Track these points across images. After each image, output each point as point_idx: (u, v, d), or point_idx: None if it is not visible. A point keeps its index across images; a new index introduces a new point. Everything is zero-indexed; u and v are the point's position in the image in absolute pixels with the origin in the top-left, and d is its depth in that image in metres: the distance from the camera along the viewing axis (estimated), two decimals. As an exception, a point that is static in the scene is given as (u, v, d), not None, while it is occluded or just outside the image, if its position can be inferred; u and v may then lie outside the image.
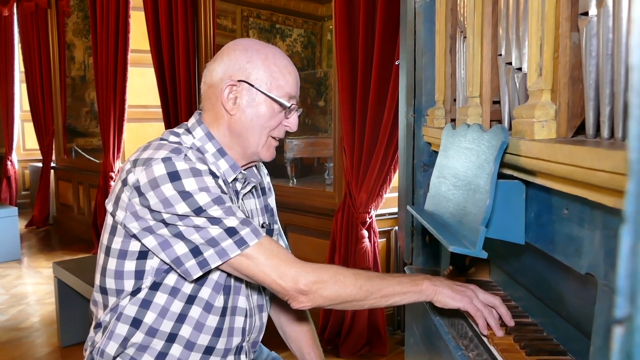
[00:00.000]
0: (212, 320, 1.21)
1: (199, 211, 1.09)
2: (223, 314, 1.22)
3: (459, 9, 1.30)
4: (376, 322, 2.89)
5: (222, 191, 1.14)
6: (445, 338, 1.07)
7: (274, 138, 1.27)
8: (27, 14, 6.06)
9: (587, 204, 0.69)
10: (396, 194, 2.48)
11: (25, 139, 7.40)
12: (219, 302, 1.20)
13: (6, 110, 6.78)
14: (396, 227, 3.12)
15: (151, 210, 1.10)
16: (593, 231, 0.69)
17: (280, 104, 1.22)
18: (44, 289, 4.18)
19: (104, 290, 1.22)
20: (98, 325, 1.24)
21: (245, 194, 1.31)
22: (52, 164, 6.29)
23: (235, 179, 1.27)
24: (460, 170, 1.05)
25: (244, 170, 1.30)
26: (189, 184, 1.10)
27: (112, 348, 1.20)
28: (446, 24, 1.43)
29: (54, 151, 6.22)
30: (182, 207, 1.09)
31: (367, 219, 2.84)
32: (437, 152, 1.41)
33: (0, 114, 7.10)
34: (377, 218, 2.94)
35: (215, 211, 1.09)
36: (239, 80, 1.21)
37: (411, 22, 1.61)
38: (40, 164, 6.49)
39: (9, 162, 6.84)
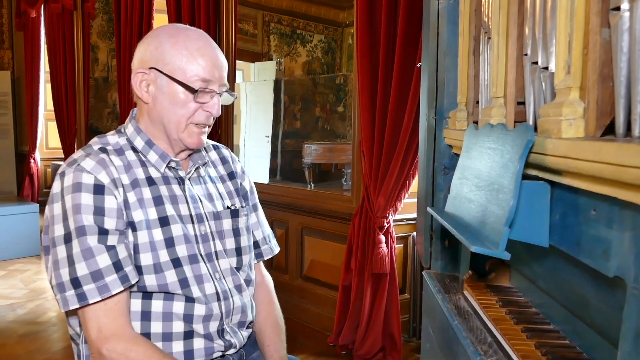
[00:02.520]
0: (179, 307, 1.20)
1: (67, 238, 1.11)
2: (189, 302, 1.21)
3: (484, 10, 1.28)
4: (391, 329, 2.86)
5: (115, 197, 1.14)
6: (463, 343, 1.04)
7: (196, 124, 1.23)
8: (53, 16, 6.16)
9: (616, 203, 0.67)
10: (414, 200, 2.45)
11: (48, 137, 7.52)
12: (185, 293, 1.20)
13: (31, 110, 6.89)
14: (414, 233, 3.09)
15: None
16: (622, 232, 0.67)
17: (188, 88, 1.19)
18: (62, 286, 4.22)
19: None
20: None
21: (190, 178, 1.30)
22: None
23: (174, 168, 1.26)
24: (483, 170, 1.03)
25: (187, 157, 1.30)
26: (67, 201, 1.12)
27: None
28: (470, 25, 1.41)
29: (75, 150, 6.29)
30: (59, 229, 1.12)
31: (385, 224, 2.82)
32: (458, 155, 1.39)
33: (25, 113, 7.22)
34: (395, 223, 2.92)
35: (75, 247, 1.10)
36: (149, 68, 1.21)
37: (434, 24, 1.60)
38: (62, 163, 6.57)
39: (32, 160, 6.95)
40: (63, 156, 6.47)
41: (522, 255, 1.15)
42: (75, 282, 1.10)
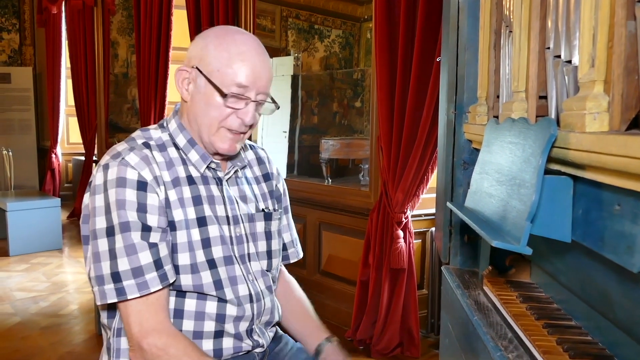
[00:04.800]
0: (211, 307, 1.21)
1: (110, 232, 1.11)
2: (222, 302, 1.22)
3: (505, 3, 1.26)
4: (409, 324, 2.86)
5: (157, 194, 1.14)
6: (483, 338, 1.04)
7: (229, 129, 1.21)
8: (74, 12, 6.24)
9: (641, 198, 0.66)
10: (432, 195, 2.44)
11: (69, 133, 7.62)
12: (219, 295, 1.20)
13: (52, 105, 7.00)
14: (432, 229, 3.07)
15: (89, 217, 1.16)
16: (647, 227, 0.66)
17: (219, 91, 1.17)
18: (83, 278, 4.29)
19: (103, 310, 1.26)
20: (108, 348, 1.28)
21: (229, 179, 1.30)
22: (94, 158, 6.46)
23: (213, 168, 1.26)
24: (504, 165, 1.02)
25: (224, 160, 1.29)
26: (111, 195, 1.12)
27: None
28: (491, 19, 1.39)
29: (96, 145, 6.38)
30: (100, 221, 1.13)
31: (403, 219, 2.81)
32: (478, 150, 1.38)
33: (46, 109, 7.33)
34: (413, 219, 2.91)
35: (118, 241, 1.11)
36: (192, 67, 1.20)
37: (454, 18, 1.58)
38: (83, 158, 6.67)
39: (53, 155, 7.06)
40: (84, 151, 6.56)
41: (543, 250, 1.14)
42: (116, 277, 1.10)
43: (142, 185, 1.14)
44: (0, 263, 4.68)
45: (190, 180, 1.23)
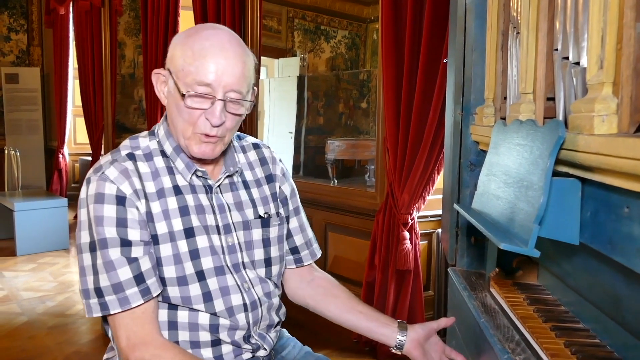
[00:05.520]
0: (204, 318, 1.19)
1: (92, 247, 1.11)
2: (214, 314, 1.19)
3: (512, 5, 1.26)
4: (415, 326, 2.85)
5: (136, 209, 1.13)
6: (490, 341, 1.04)
7: (202, 133, 1.13)
8: (82, 13, 6.26)
9: (650, 201, 0.66)
10: (438, 196, 2.44)
11: (76, 133, 7.66)
12: (200, 307, 1.18)
13: (60, 106, 7.03)
14: (438, 230, 3.07)
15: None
16: (657, 230, 0.66)
17: (179, 92, 1.10)
18: (89, 278, 4.30)
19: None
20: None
21: (220, 185, 1.25)
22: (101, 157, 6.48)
23: (201, 177, 1.22)
24: (512, 167, 1.02)
25: (213, 163, 1.25)
26: (91, 211, 1.12)
27: None
28: (498, 20, 1.39)
29: (103, 146, 6.41)
30: (85, 236, 1.13)
31: (409, 220, 2.80)
32: (485, 151, 1.38)
33: (54, 109, 7.37)
34: (419, 220, 2.90)
35: (98, 257, 1.11)
36: (166, 68, 1.16)
37: (461, 19, 1.58)
38: (89, 158, 6.70)
39: (60, 155, 7.09)
40: (90, 151, 6.59)
41: (550, 252, 1.13)
42: (98, 292, 1.10)
43: (120, 200, 1.11)
44: (7, 263, 4.71)
45: (177, 190, 1.19)
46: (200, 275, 1.17)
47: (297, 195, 1.45)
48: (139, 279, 1.11)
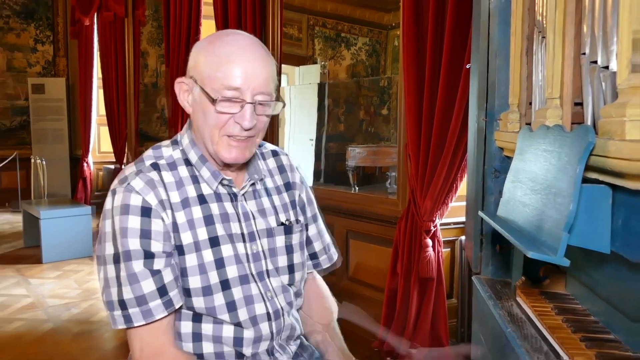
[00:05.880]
0: (228, 331, 1.18)
1: (116, 259, 1.11)
2: (238, 326, 1.19)
3: (537, 9, 1.24)
4: (439, 334, 2.82)
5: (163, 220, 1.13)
6: (518, 351, 1.01)
7: (229, 136, 1.14)
8: (106, 24, 6.38)
9: (687, 208, 0.64)
10: (461, 203, 2.41)
11: (100, 142, 7.77)
12: (224, 317, 1.18)
13: (84, 115, 7.16)
14: (462, 237, 3.03)
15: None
16: (693, 239, 0.63)
17: (209, 97, 1.11)
18: (113, 285, 4.35)
19: None
20: None
21: (245, 193, 1.25)
22: (124, 167, 6.55)
23: (227, 185, 1.22)
24: (539, 173, 1.00)
25: (239, 171, 1.25)
26: (116, 222, 1.11)
27: None
28: (523, 25, 1.37)
29: (126, 154, 6.50)
30: (109, 247, 1.12)
31: (432, 228, 2.78)
32: (509, 158, 1.36)
33: (78, 119, 7.50)
34: (442, 227, 2.87)
35: (122, 269, 1.10)
36: (189, 77, 1.17)
37: (485, 24, 1.56)
38: (113, 166, 6.79)
39: (85, 164, 7.21)
40: (114, 160, 6.69)
41: (579, 261, 1.10)
42: (122, 304, 1.10)
43: (146, 211, 1.11)
44: (34, 270, 4.78)
45: (202, 199, 1.19)
46: (225, 285, 1.17)
47: (315, 202, 1.45)
48: (162, 291, 1.11)
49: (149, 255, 1.11)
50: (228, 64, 1.10)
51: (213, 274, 1.16)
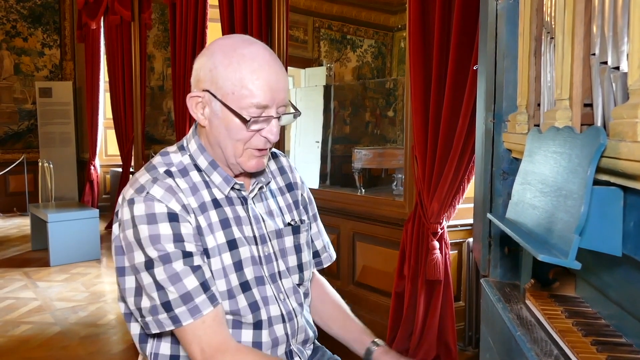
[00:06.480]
0: (247, 335, 1.19)
1: (149, 265, 1.10)
2: (257, 328, 1.19)
3: (546, 9, 1.23)
4: (446, 337, 2.80)
5: (189, 223, 1.12)
6: (528, 355, 1.00)
7: (255, 149, 1.17)
8: (112, 27, 6.41)
9: (701, 211, 0.63)
10: (468, 205, 2.39)
11: (107, 145, 7.81)
12: (248, 319, 1.18)
13: (91, 118, 7.19)
14: (469, 239, 3.01)
15: (123, 251, 1.14)
16: None
17: (240, 117, 1.12)
18: (120, 288, 4.36)
19: (135, 337, 1.25)
20: None
21: (254, 196, 1.27)
22: (131, 169, 6.59)
23: (237, 189, 1.23)
24: (549, 175, 0.99)
25: (248, 177, 1.26)
26: (142, 231, 1.10)
27: None
28: (531, 25, 1.36)
29: (133, 157, 6.52)
30: (138, 256, 1.11)
31: (439, 230, 2.76)
32: (518, 160, 1.35)
33: (85, 122, 7.53)
34: (449, 229, 2.86)
35: (160, 273, 1.09)
36: (203, 90, 1.15)
37: (492, 25, 1.55)
38: (120, 169, 6.81)
39: (92, 167, 7.24)
40: (121, 163, 6.71)
41: (589, 263, 1.09)
42: (167, 306, 1.09)
43: (173, 217, 1.11)
44: (41, 273, 4.80)
45: (216, 203, 1.20)
46: (245, 286, 1.18)
47: (314, 201, 1.48)
48: (205, 286, 1.11)
49: (187, 255, 1.11)
50: (255, 82, 1.11)
51: (233, 276, 1.17)
